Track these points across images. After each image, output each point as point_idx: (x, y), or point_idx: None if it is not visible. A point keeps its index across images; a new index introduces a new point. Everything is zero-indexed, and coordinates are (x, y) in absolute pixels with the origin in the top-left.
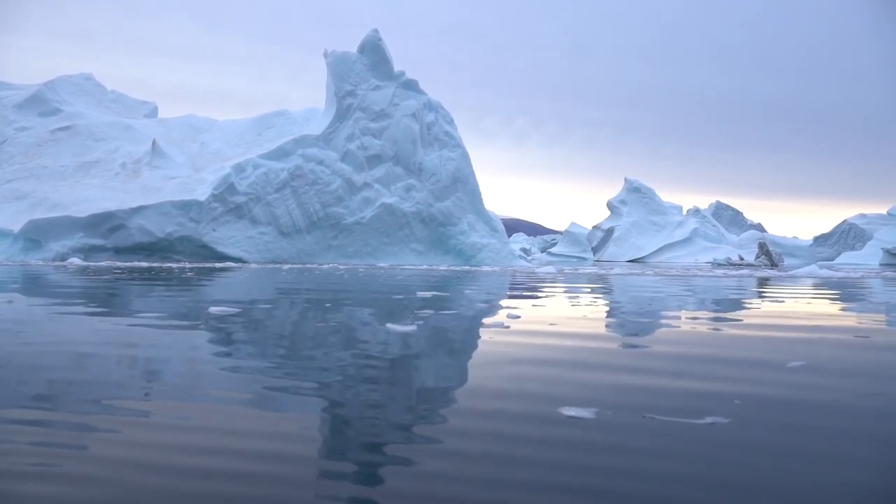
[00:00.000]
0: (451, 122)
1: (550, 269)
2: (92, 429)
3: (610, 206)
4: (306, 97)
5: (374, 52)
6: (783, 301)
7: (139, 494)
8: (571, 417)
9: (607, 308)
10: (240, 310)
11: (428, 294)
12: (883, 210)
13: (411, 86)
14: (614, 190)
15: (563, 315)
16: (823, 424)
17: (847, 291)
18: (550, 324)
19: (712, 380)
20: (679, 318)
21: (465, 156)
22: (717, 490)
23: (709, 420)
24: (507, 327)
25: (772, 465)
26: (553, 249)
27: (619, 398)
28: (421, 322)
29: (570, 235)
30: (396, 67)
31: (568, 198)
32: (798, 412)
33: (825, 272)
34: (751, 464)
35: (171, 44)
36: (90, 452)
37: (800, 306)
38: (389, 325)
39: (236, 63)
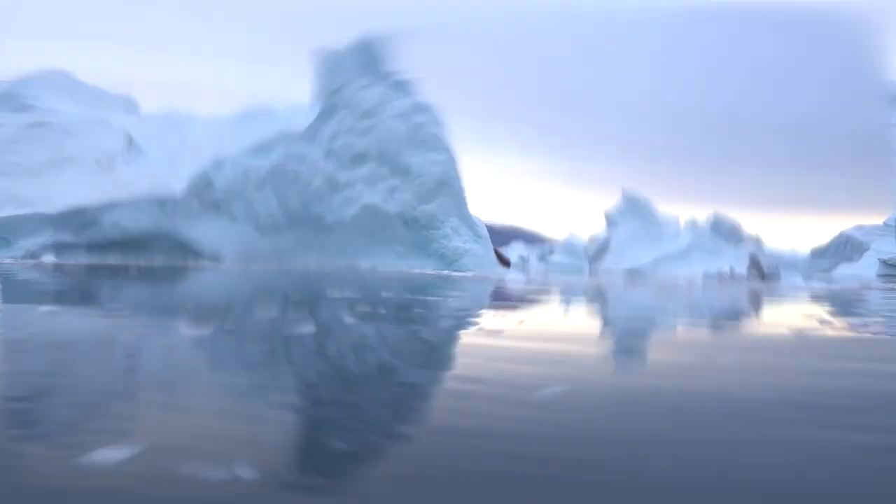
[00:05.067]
0: (440, 124)
1: (520, 276)
2: None
3: (607, 217)
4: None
5: (364, 51)
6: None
7: None
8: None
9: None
10: (59, 307)
11: (339, 295)
12: (879, 221)
13: (402, 86)
14: (613, 200)
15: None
16: None
17: (809, 303)
18: (359, 340)
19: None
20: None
21: (453, 159)
22: None
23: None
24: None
25: None
26: (550, 259)
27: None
28: (232, 325)
29: (567, 245)
30: (399, 69)
31: (568, 207)
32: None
33: (812, 284)
34: None
35: (164, 38)
36: None
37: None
38: (185, 330)
39: (234, 59)
